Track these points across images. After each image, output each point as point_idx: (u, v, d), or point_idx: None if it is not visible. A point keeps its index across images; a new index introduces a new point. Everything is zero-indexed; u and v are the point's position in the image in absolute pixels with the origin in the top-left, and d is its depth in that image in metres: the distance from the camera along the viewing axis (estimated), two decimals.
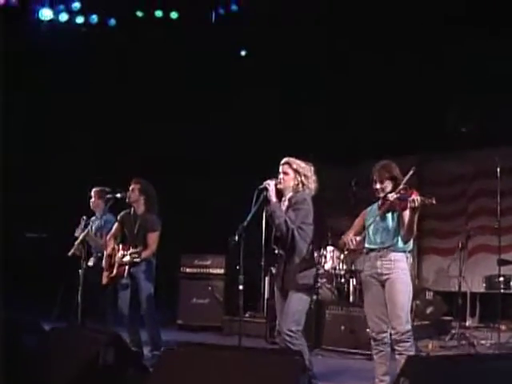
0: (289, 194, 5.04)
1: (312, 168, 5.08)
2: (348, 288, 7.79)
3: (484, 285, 7.24)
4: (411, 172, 4.66)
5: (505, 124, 8.22)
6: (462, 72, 8.54)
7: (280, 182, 4.99)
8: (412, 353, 4.61)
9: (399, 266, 4.70)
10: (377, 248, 4.78)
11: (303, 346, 4.82)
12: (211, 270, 8.66)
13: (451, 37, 8.30)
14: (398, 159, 4.97)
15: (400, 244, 4.72)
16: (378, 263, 4.75)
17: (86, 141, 9.89)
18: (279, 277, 5.02)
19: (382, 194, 4.78)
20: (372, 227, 4.82)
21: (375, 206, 4.90)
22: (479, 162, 9.04)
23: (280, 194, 5.02)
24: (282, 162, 5.07)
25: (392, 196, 4.65)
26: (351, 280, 7.76)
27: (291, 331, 4.79)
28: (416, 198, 4.40)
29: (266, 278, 8.03)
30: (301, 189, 5.00)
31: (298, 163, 5.03)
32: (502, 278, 6.91)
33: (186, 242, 8.97)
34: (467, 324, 8.30)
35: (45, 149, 9.59)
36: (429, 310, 7.88)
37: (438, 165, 9.58)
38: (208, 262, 8.69)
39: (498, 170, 7.14)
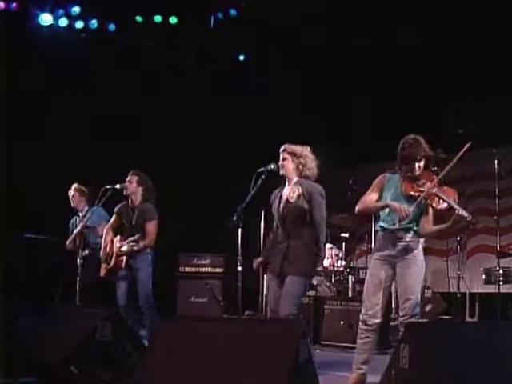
0: (295, 179, 5.14)
1: (308, 148, 5.19)
2: (347, 284, 7.76)
3: (483, 277, 7.19)
4: (456, 159, 4.56)
5: (503, 125, 8.24)
6: (460, 73, 8.58)
7: (281, 168, 5.12)
8: None
9: (414, 247, 4.56)
10: (391, 229, 4.61)
11: None
12: (210, 269, 8.65)
13: (450, 36, 8.34)
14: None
15: (416, 227, 4.58)
16: (392, 245, 4.58)
17: (86, 144, 9.88)
18: (278, 261, 4.99)
19: (418, 172, 4.57)
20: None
21: (395, 179, 4.68)
22: (478, 163, 9.03)
23: (283, 178, 5.17)
24: (281, 149, 5.22)
25: (429, 187, 4.44)
26: (350, 277, 7.74)
27: (292, 315, 4.77)
28: (463, 214, 4.24)
29: (265, 277, 7.97)
30: (302, 172, 5.11)
31: (292, 147, 5.18)
32: (501, 271, 6.88)
33: (184, 242, 8.95)
34: None
35: (44, 152, 9.57)
36: (428, 308, 7.83)
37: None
38: (206, 261, 8.69)
39: (496, 170, 7.16)
